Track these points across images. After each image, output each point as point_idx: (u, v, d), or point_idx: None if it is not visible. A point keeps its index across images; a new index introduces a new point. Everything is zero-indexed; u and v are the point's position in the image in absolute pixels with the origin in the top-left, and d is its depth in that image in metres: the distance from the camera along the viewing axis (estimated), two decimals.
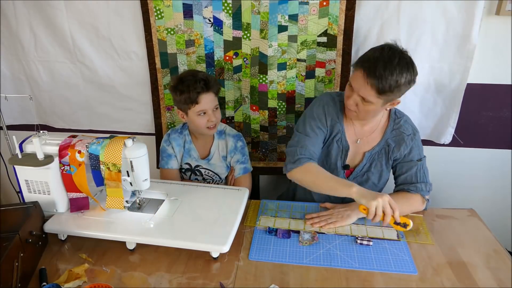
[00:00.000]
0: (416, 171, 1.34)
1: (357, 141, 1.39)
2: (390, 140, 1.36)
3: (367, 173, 1.40)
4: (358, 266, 1.10)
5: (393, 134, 1.36)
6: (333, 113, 1.38)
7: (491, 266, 1.11)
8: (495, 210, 1.77)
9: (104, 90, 1.81)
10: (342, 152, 1.39)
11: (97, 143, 1.16)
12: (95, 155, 1.15)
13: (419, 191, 1.32)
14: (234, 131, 1.61)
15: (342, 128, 1.38)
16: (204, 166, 1.60)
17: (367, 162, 1.39)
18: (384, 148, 1.37)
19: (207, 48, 1.65)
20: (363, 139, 1.39)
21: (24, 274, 1.03)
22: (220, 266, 1.11)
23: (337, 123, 1.38)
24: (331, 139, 1.39)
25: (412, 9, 1.48)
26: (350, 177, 1.42)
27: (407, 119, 1.39)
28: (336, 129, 1.38)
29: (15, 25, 1.71)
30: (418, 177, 1.33)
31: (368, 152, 1.38)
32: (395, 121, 1.37)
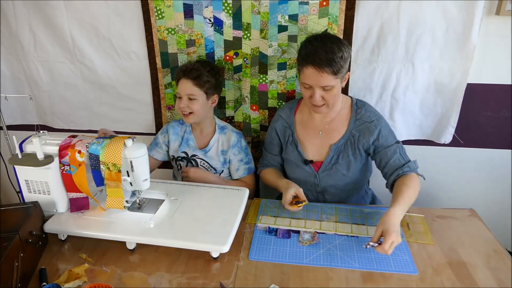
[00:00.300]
0: (400, 152, 1.36)
1: (319, 133, 1.45)
2: (354, 131, 1.41)
3: (335, 165, 1.44)
4: (358, 266, 1.10)
5: (356, 124, 1.41)
6: (283, 120, 1.52)
7: (491, 266, 1.11)
8: (495, 210, 1.77)
9: (104, 90, 1.80)
10: (296, 149, 1.48)
11: (97, 143, 1.16)
12: (95, 155, 1.15)
13: (413, 170, 1.33)
14: (236, 129, 1.64)
15: (292, 129, 1.50)
16: (200, 156, 1.61)
17: (334, 154, 1.43)
18: (350, 139, 1.41)
19: (208, 48, 1.65)
20: (325, 131, 1.44)
21: (24, 274, 1.03)
22: (220, 266, 1.11)
23: (287, 128, 1.51)
24: (286, 144, 1.52)
25: (412, 9, 1.48)
26: (319, 170, 1.46)
27: (368, 107, 1.44)
28: (287, 134, 1.51)
29: (15, 25, 1.71)
30: (404, 157, 1.36)
31: (334, 144, 1.43)
32: (357, 112, 1.43)
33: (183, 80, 1.50)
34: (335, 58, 1.25)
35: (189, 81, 1.48)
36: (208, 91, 1.52)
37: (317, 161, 1.47)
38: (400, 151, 1.37)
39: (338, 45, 1.27)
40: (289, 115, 1.52)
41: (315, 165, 1.47)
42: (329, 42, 1.28)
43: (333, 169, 1.44)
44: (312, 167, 1.47)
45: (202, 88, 1.50)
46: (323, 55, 1.25)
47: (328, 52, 1.25)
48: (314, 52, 1.26)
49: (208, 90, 1.52)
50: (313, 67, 1.26)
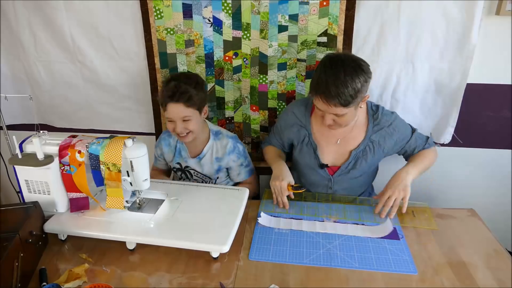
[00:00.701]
0: (420, 137, 1.47)
1: (337, 141, 1.44)
2: (374, 137, 1.41)
3: (352, 170, 1.44)
4: (358, 266, 1.10)
5: (375, 130, 1.42)
6: (297, 119, 1.48)
7: (491, 266, 1.11)
8: (495, 210, 1.77)
9: (104, 90, 1.80)
10: (314, 152, 1.46)
11: (97, 143, 1.16)
12: (95, 155, 1.15)
13: (431, 145, 1.48)
14: (230, 133, 1.59)
15: (309, 131, 1.46)
16: (193, 167, 1.58)
17: (352, 160, 1.44)
18: (368, 145, 1.42)
19: (207, 48, 1.65)
20: (344, 139, 1.44)
21: (24, 274, 1.03)
22: (220, 266, 1.11)
23: (302, 128, 1.47)
24: (301, 144, 1.49)
25: (412, 9, 1.48)
26: (335, 174, 1.47)
27: (382, 110, 1.44)
28: (302, 134, 1.48)
29: (15, 25, 1.71)
30: (423, 140, 1.47)
31: (354, 150, 1.43)
32: (373, 117, 1.43)
33: (173, 104, 1.39)
34: (346, 92, 1.20)
35: (181, 105, 1.39)
36: (200, 106, 1.45)
37: (332, 166, 1.46)
38: (418, 137, 1.46)
39: (352, 77, 1.20)
40: (304, 114, 1.47)
41: (330, 169, 1.47)
42: (343, 72, 1.20)
43: (349, 173, 1.45)
44: (326, 171, 1.47)
45: (195, 107, 1.42)
46: (333, 89, 1.20)
47: (339, 86, 1.20)
48: (325, 84, 1.21)
49: (200, 106, 1.45)
50: (322, 99, 1.24)
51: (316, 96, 1.26)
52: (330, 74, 1.22)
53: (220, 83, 1.72)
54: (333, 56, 1.27)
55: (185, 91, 1.39)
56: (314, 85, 1.26)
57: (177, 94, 1.38)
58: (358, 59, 1.26)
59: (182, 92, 1.39)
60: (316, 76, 1.26)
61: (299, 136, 1.48)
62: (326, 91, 1.21)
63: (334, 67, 1.22)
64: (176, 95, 1.38)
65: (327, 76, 1.22)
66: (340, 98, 1.21)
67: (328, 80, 1.21)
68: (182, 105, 1.39)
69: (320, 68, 1.26)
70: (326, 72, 1.23)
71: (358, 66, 1.23)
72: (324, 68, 1.24)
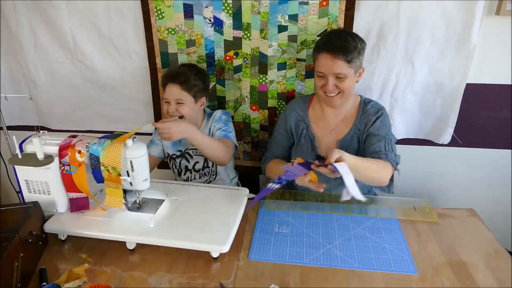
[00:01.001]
0: (385, 144, 1.35)
1: (331, 131, 1.48)
2: (360, 125, 1.44)
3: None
4: (358, 266, 1.10)
5: (361, 119, 1.44)
6: (297, 114, 1.52)
7: (491, 266, 1.11)
8: (495, 210, 1.77)
9: (104, 90, 1.80)
10: (311, 144, 1.49)
11: (98, 143, 1.16)
12: (95, 155, 1.15)
13: (390, 160, 1.31)
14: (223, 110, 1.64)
15: (307, 124, 1.50)
16: (191, 146, 1.60)
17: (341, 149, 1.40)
18: (356, 133, 1.44)
19: (208, 48, 1.65)
20: (336, 129, 1.47)
21: (24, 274, 1.02)
22: (220, 266, 1.11)
23: (301, 121, 1.51)
24: (299, 137, 1.51)
25: (412, 9, 1.48)
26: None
27: (374, 103, 1.47)
28: (301, 127, 1.51)
29: (15, 25, 1.71)
30: (387, 148, 1.35)
31: (341, 140, 1.45)
32: (363, 108, 1.46)
33: (170, 85, 1.48)
34: (349, 46, 1.30)
35: (177, 86, 1.47)
36: (196, 94, 1.50)
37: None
38: (386, 143, 1.36)
39: (352, 36, 1.34)
40: (303, 108, 1.52)
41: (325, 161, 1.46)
42: (344, 33, 1.36)
43: None
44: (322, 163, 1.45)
45: (190, 92, 1.48)
46: (337, 43, 1.31)
47: (342, 41, 1.31)
48: (329, 40, 1.33)
49: (196, 94, 1.50)
50: (327, 53, 1.31)
51: (321, 53, 1.33)
52: (334, 32, 1.39)
53: (221, 83, 1.72)
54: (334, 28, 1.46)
55: (183, 73, 1.48)
56: (318, 45, 1.37)
57: (174, 74, 1.48)
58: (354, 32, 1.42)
59: (180, 73, 1.48)
60: (319, 40, 1.40)
61: (298, 129, 1.51)
62: (331, 45, 1.31)
63: (335, 31, 1.41)
64: (173, 75, 1.48)
65: (330, 33, 1.38)
66: (344, 51, 1.29)
67: (331, 37, 1.34)
68: (178, 86, 1.47)
69: (322, 35, 1.43)
70: (328, 34, 1.38)
71: (355, 33, 1.39)
72: (326, 33, 1.42)
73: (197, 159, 1.63)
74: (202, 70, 1.57)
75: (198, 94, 1.51)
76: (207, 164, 1.63)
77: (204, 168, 1.64)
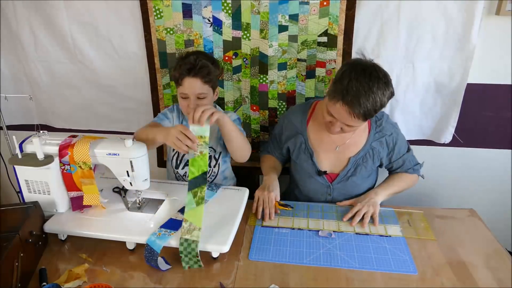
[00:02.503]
0: (410, 160, 1.45)
1: (335, 148, 1.42)
2: (374, 143, 1.40)
3: (351, 177, 1.42)
4: (358, 266, 1.10)
5: (376, 137, 1.40)
6: (294, 126, 1.47)
7: (491, 266, 1.11)
8: (495, 210, 1.77)
9: (104, 90, 1.80)
10: (311, 159, 1.44)
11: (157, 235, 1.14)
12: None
13: (416, 172, 1.46)
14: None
15: (305, 137, 1.44)
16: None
17: (351, 167, 1.41)
18: (368, 152, 1.40)
19: (206, 48, 1.65)
20: (343, 145, 1.42)
21: (24, 274, 1.03)
22: (220, 266, 1.11)
23: (299, 134, 1.45)
24: (297, 150, 1.46)
25: (412, 9, 1.48)
26: (334, 181, 1.44)
27: (387, 119, 1.43)
28: (299, 141, 1.45)
29: (15, 25, 1.70)
30: (412, 163, 1.46)
31: (353, 157, 1.41)
32: (376, 123, 1.41)
33: (190, 79, 1.34)
34: (373, 107, 1.16)
35: (198, 80, 1.34)
36: (215, 85, 1.42)
37: (331, 173, 1.44)
38: (410, 158, 1.45)
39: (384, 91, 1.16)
40: (301, 120, 1.45)
41: (329, 176, 1.45)
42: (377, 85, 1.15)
43: (349, 181, 1.43)
44: (325, 178, 1.44)
45: (211, 84, 1.38)
46: (363, 101, 1.14)
47: (370, 98, 1.14)
48: (356, 93, 1.14)
49: (214, 85, 1.42)
50: (347, 107, 1.17)
51: (339, 102, 1.18)
52: (363, 83, 1.14)
53: (219, 83, 1.71)
54: (365, 64, 1.19)
55: (204, 65, 1.35)
56: (341, 91, 1.16)
57: (196, 68, 1.33)
58: (387, 74, 1.19)
59: (202, 66, 1.34)
60: (346, 81, 1.16)
61: (296, 142, 1.46)
62: (355, 101, 1.14)
63: (367, 77, 1.15)
64: (195, 68, 1.33)
65: (360, 85, 1.14)
66: (365, 112, 1.16)
67: (359, 89, 1.14)
68: (200, 80, 1.34)
69: (351, 74, 1.16)
70: (359, 80, 1.14)
71: (388, 82, 1.18)
72: (357, 74, 1.15)
73: None
74: (214, 59, 1.47)
75: (215, 85, 1.43)
76: (209, 163, 1.56)
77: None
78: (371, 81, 1.15)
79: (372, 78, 1.15)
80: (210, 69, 1.36)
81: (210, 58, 1.44)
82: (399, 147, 1.42)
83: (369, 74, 1.16)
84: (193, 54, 1.39)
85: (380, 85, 1.16)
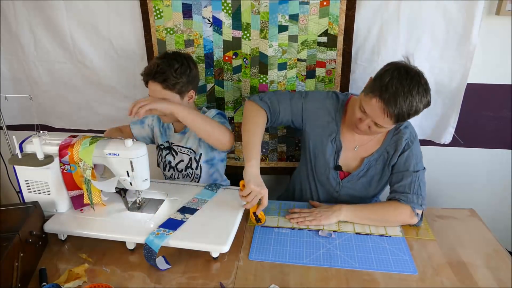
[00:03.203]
0: (411, 182, 1.28)
1: (355, 147, 1.40)
2: (389, 147, 1.35)
3: (362, 178, 1.40)
4: (358, 266, 1.10)
5: (392, 141, 1.35)
6: (330, 110, 1.39)
7: (491, 266, 1.11)
8: (495, 210, 1.77)
9: (104, 90, 1.80)
10: (336, 152, 1.40)
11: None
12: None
13: (409, 202, 1.25)
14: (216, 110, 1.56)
15: (339, 128, 1.38)
16: (176, 143, 1.54)
17: (364, 167, 1.39)
18: (383, 154, 1.37)
19: (206, 48, 1.65)
20: (362, 146, 1.39)
21: (24, 274, 1.03)
22: (220, 266, 1.11)
23: (332, 122, 1.39)
24: (326, 138, 1.39)
25: (412, 9, 1.48)
26: (345, 179, 1.42)
27: (408, 125, 1.36)
28: (331, 129, 1.39)
29: (15, 25, 1.70)
30: (411, 188, 1.28)
31: (367, 158, 1.38)
32: (396, 128, 1.35)
33: (151, 83, 1.37)
34: (409, 110, 1.14)
35: (158, 85, 1.36)
36: (181, 90, 1.39)
37: (345, 172, 1.42)
38: (412, 181, 1.28)
39: (421, 97, 1.14)
40: (338, 109, 1.38)
41: (342, 173, 1.42)
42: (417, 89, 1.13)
43: (359, 181, 1.41)
44: (338, 174, 1.42)
45: (173, 90, 1.37)
46: (401, 101, 1.12)
47: (407, 101, 1.12)
48: (395, 92, 1.12)
49: (181, 89, 1.38)
50: (382, 105, 1.15)
51: (375, 98, 1.16)
52: (404, 85, 1.13)
53: (219, 84, 1.72)
54: (409, 67, 1.18)
55: (161, 72, 1.34)
56: (380, 87, 1.15)
57: (152, 73, 1.35)
58: (427, 82, 1.18)
59: (159, 72, 1.34)
60: (387, 78, 1.15)
61: (327, 129, 1.39)
62: (392, 100, 1.13)
63: (409, 80, 1.13)
64: (151, 73, 1.36)
65: (400, 85, 1.13)
66: (399, 113, 1.14)
67: (398, 89, 1.12)
68: (159, 85, 1.36)
69: (393, 73, 1.15)
70: (400, 80, 1.13)
71: (428, 90, 1.17)
72: (399, 75, 1.14)
73: (181, 157, 1.53)
74: (185, 62, 1.40)
75: (183, 89, 1.39)
76: (191, 165, 1.53)
77: (187, 168, 1.54)
78: (412, 83, 1.13)
79: (414, 81, 1.14)
80: (168, 75, 1.34)
81: (179, 62, 1.38)
82: (408, 157, 1.31)
83: (411, 77, 1.14)
84: (160, 58, 1.39)
85: (420, 90, 1.14)
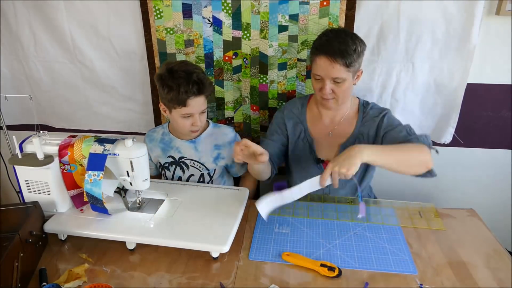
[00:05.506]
0: (409, 129, 1.29)
1: (329, 134, 1.44)
2: (362, 128, 1.41)
3: None
4: (358, 266, 1.10)
5: (364, 122, 1.41)
6: (294, 115, 1.48)
7: (491, 266, 1.11)
8: (495, 210, 1.77)
9: (104, 90, 1.80)
10: (310, 147, 1.46)
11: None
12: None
13: (422, 141, 1.22)
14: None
15: (305, 126, 1.46)
16: (188, 155, 1.49)
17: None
18: (358, 137, 1.41)
19: (206, 48, 1.65)
20: (335, 131, 1.44)
21: (24, 274, 1.03)
22: (220, 266, 1.11)
23: (299, 123, 1.47)
24: (296, 140, 1.47)
25: (412, 9, 1.48)
26: None
27: (373, 105, 1.43)
28: (298, 130, 1.47)
29: (15, 25, 1.71)
30: (411, 133, 1.28)
31: (343, 144, 1.42)
32: (364, 112, 1.42)
33: (195, 98, 1.32)
34: (348, 50, 1.25)
35: (202, 97, 1.34)
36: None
37: (327, 161, 1.45)
38: (407, 129, 1.29)
39: (352, 38, 1.28)
40: (301, 111, 1.48)
41: (325, 164, 1.44)
42: (344, 34, 1.29)
43: None
44: (322, 167, 1.46)
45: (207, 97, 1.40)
46: (336, 46, 1.25)
47: (342, 44, 1.25)
48: (328, 43, 1.27)
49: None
50: (326, 57, 1.26)
51: (319, 56, 1.27)
52: (332, 35, 1.28)
53: (219, 83, 1.72)
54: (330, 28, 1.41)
55: (208, 82, 1.35)
56: (316, 47, 1.30)
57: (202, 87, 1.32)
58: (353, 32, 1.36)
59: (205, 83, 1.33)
60: (317, 41, 1.31)
61: (295, 131, 1.47)
62: (330, 48, 1.25)
63: (334, 32, 1.30)
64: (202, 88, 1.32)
65: (329, 37, 1.28)
66: (343, 55, 1.24)
67: (330, 40, 1.27)
68: (203, 97, 1.36)
69: (320, 35, 1.33)
70: (327, 35, 1.30)
71: (354, 34, 1.32)
72: (324, 34, 1.31)
73: (192, 171, 1.51)
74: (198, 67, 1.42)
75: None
76: (203, 179, 1.53)
77: (198, 181, 1.53)
78: (337, 32, 1.31)
79: (340, 30, 1.34)
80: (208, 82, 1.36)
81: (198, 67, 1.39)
82: (389, 121, 1.35)
83: (336, 30, 1.36)
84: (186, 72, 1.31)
85: (348, 34, 1.29)
